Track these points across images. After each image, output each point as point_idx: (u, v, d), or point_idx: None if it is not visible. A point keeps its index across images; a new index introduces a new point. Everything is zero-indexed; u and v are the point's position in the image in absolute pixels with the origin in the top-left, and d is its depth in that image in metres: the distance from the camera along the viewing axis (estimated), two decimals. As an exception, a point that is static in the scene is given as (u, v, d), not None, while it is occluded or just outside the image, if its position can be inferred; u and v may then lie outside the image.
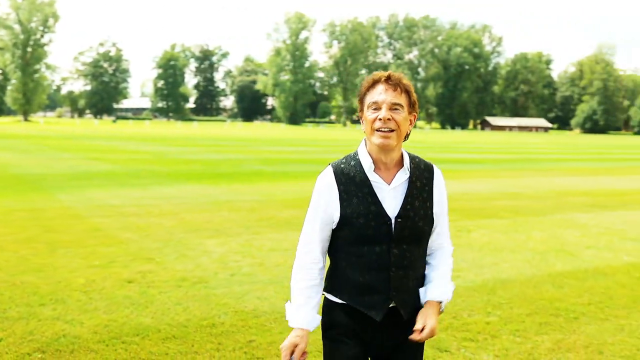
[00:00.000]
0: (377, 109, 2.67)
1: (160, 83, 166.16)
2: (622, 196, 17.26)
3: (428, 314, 2.75)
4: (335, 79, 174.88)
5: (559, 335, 5.73)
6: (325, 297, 2.86)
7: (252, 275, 7.54)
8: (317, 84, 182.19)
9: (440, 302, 2.79)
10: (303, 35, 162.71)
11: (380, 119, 2.64)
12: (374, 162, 2.73)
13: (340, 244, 2.78)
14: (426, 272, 2.88)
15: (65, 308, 6.09)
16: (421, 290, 2.83)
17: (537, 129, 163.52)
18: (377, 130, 2.65)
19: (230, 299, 6.56)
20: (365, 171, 2.72)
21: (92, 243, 9.06)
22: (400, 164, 2.77)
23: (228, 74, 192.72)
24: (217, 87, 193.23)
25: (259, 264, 8.08)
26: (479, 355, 5.18)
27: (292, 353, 2.67)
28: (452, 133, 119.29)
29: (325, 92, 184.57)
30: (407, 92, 2.73)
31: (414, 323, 2.77)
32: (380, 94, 2.68)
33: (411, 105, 2.74)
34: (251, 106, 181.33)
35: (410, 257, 2.74)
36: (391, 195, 2.71)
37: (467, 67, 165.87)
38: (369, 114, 2.70)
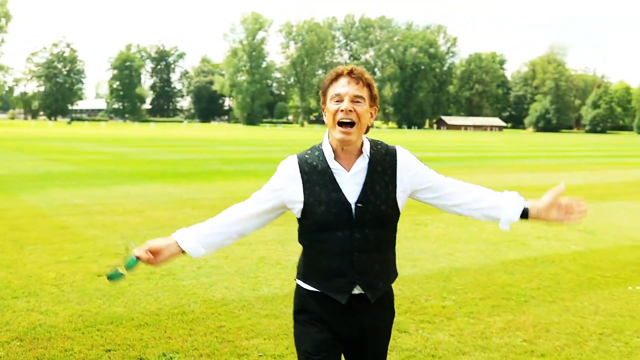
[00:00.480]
0: (340, 100, 2.75)
1: (116, 84, 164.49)
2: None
3: (554, 203, 2.79)
4: (292, 80, 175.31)
5: (509, 316, 6.15)
6: (297, 284, 2.98)
7: (219, 267, 7.81)
8: (274, 85, 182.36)
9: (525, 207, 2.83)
10: (260, 35, 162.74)
11: (342, 110, 2.72)
12: (335, 151, 2.81)
13: (307, 232, 2.88)
14: (486, 212, 2.89)
15: (38, 300, 6.29)
16: (505, 216, 2.84)
17: (491, 127, 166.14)
18: (339, 124, 2.73)
19: (198, 289, 6.83)
20: (327, 159, 2.81)
21: (59, 240, 9.22)
22: (360, 151, 2.84)
23: (185, 74, 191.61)
24: (174, 87, 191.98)
25: (225, 257, 8.35)
26: (436, 335, 5.55)
27: (152, 254, 2.90)
28: (409, 132, 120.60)
29: (283, 93, 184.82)
30: (369, 86, 2.80)
31: (381, 307, 2.92)
32: (343, 86, 2.76)
33: (372, 99, 2.82)
34: (208, 107, 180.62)
35: (374, 241, 2.81)
36: (351, 182, 2.78)
37: (422, 67, 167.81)
38: (331, 106, 2.77)
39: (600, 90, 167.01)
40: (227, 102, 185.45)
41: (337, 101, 2.74)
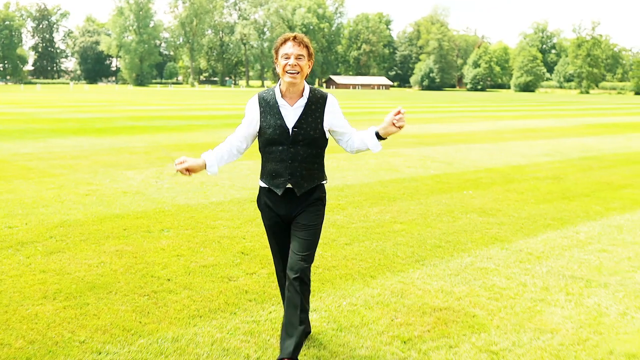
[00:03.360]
0: (288, 57, 3.94)
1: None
2: (440, 137, 21.53)
3: (391, 122, 3.96)
4: (181, 40, 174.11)
5: (382, 207, 9.26)
6: (259, 185, 4.28)
7: (174, 189, 10.51)
8: (163, 45, 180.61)
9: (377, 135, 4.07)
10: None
11: (289, 65, 3.93)
12: (283, 92, 4.04)
13: (261, 146, 4.12)
14: (357, 145, 4.19)
15: (54, 208, 8.79)
16: (369, 142, 4.11)
17: (379, 86, 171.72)
18: (287, 72, 3.93)
19: (166, 199, 9.55)
20: (276, 97, 4.05)
21: (34, 176, 11.57)
22: (302, 93, 4.06)
23: (69, 34, 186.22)
24: (58, 48, 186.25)
25: (175, 181, 11.06)
26: (334, 217, 8.54)
27: (183, 165, 4.06)
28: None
29: (172, 53, 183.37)
30: (307, 47, 4.00)
31: (307, 198, 4.10)
32: (290, 48, 3.95)
33: (309, 55, 4.03)
34: (95, 68, 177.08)
35: (303, 154, 4.03)
36: (292, 114, 4.01)
37: (311, 27, 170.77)
38: (282, 61, 3.96)
39: (480, 50, 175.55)
40: (115, 63, 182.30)
41: (286, 58, 3.96)
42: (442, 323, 4.88)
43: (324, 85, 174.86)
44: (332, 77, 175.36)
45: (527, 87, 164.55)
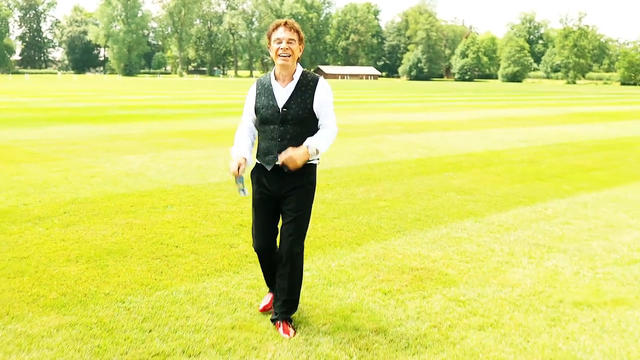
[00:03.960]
0: (280, 42, 4.21)
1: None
2: (425, 125, 22.30)
3: (293, 150, 4.15)
4: (170, 29, 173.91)
5: (366, 187, 9.99)
6: (255, 162, 4.51)
7: (172, 171, 11.19)
8: (151, 35, 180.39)
9: (308, 146, 4.18)
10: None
11: (281, 48, 4.20)
12: (277, 75, 4.34)
13: (258, 124, 4.43)
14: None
15: (63, 188, 9.46)
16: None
17: (367, 76, 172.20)
18: (280, 56, 4.20)
19: (168, 180, 10.24)
20: (270, 80, 4.36)
21: (40, 159, 12.22)
22: (293, 77, 4.32)
23: (56, 24, 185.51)
24: (45, 38, 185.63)
25: (173, 165, 11.75)
26: (323, 195, 9.26)
27: (238, 167, 4.28)
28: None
29: (160, 43, 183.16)
30: (297, 32, 4.27)
31: (296, 177, 4.31)
32: (282, 33, 4.23)
33: (300, 40, 4.29)
34: (83, 57, 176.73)
35: (292, 133, 4.25)
36: (283, 95, 4.28)
37: (300, 17, 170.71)
38: (274, 45, 4.24)
39: (468, 40, 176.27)
40: (103, 53, 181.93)
41: (278, 42, 4.25)
42: (418, 280, 5.63)
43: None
44: (321, 67, 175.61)
45: (515, 78, 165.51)
